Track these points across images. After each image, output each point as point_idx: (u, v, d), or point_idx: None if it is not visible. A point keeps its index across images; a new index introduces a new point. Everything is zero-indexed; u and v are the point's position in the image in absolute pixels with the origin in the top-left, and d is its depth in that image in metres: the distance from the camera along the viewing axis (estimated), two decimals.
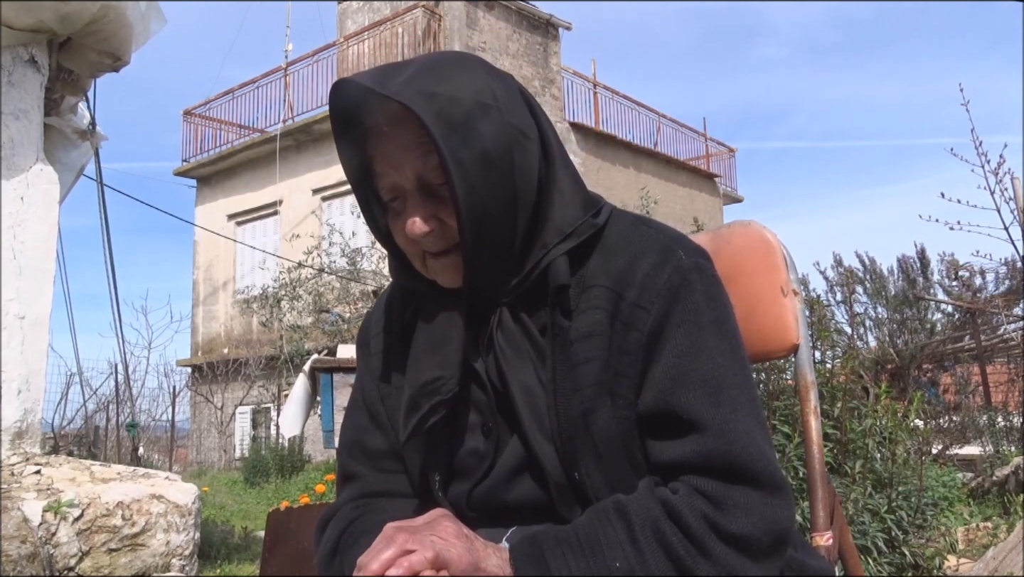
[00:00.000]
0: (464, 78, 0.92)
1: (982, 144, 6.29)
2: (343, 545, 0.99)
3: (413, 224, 0.92)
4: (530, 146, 0.94)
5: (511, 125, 0.92)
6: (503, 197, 0.91)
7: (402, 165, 0.92)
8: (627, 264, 0.94)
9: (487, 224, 0.91)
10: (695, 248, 0.98)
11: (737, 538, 0.84)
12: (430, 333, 0.98)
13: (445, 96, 0.89)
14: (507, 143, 0.91)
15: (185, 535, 3.18)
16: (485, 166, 0.89)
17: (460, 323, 0.96)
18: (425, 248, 0.95)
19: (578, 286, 0.95)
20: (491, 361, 0.97)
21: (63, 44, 3.58)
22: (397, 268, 1.04)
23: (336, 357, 4.38)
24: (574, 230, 0.95)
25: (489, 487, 0.99)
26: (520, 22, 14.70)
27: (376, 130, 0.93)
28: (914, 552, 3.24)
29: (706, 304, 0.93)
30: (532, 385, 0.95)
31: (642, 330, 0.92)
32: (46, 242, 3.42)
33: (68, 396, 8.88)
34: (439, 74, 0.91)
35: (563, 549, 0.85)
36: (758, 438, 0.90)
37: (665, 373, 0.91)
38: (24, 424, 3.22)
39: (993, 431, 6.23)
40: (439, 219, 0.93)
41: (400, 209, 0.95)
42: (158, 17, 3.65)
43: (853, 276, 9.03)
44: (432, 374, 0.96)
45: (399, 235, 0.97)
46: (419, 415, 0.95)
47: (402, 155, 0.92)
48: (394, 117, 0.91)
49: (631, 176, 15.30)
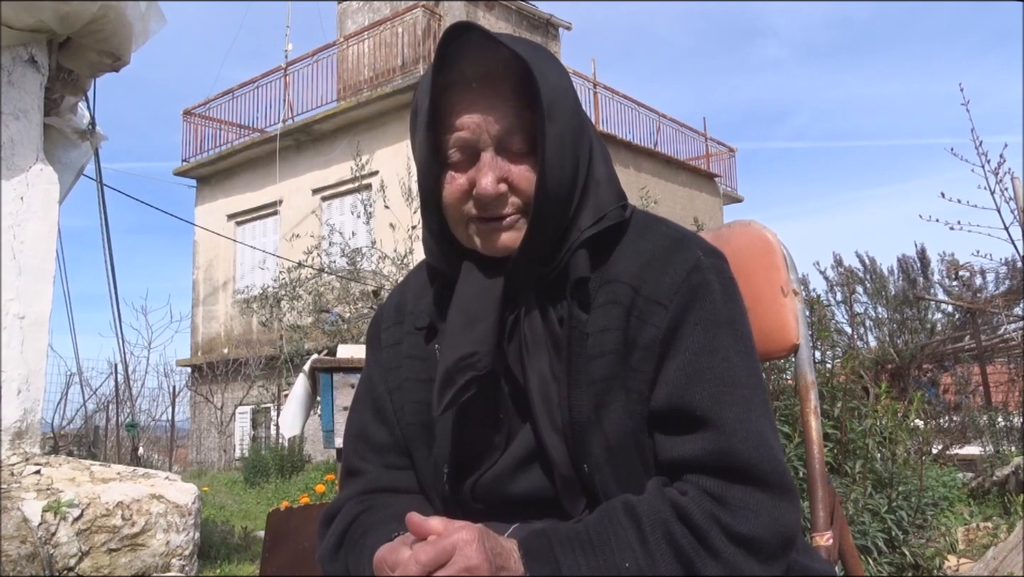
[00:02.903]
0: (553, 62, 0.98)
1: (982, 144, 6.29)
2: (347, 542, 0.98)
3: (487, 184, 0.93)
4: (585, 139, 0.98)
5: (580, 116, 0.98)
6: (568, 178, 0.95)
7: (486, 122, 0.94)
8: (646, 261, 0.96)
9: (554, 200, 0.94)
10: (712, 249, 0.99)
11: (746, 539, 0.84)
12: (466, 309, 0.98)
13: (540, 68, 0.93)
14: (576, 131, 0.96)
15: (185, 535, 3.18)
16: (561, 145, 0.93)
17: (497, 301, 0.97)
18: (484, 212, 0.96)
19: (597, 280, 0.96)
20: (514, 348, 0.98)
21: (63, 44, 3.58)
22: (431, 249, 1.04)
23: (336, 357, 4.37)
24: (605, 215, 0.97)
25: (494, 477, 0.99)
26: (520, 22, 14.71)
27: (464, 84, 0.94)
28: (914, 552, 3.24)
29: (724, 304, 0.95)
30: (547, 376, 0.96)
31: (659, 326, 0.93)
32: (46, 242, 3.42)
33: (68, 396, 8.88)
34: (537, 52, 0.96)
35: (573, 546, 0.85)
36: (769, 439, 0.91)
37: (680, 370, 0.91)
38: (24, 424, 3.22)
39: (993, 431, 6.23)
40: (509, 183, 0.95)
41: (464, 167, 0.96)
42: (158, 17, 3.65)
43: (853, 276, 9.02)
44: (468, 349, 0.95)
45: (454, 193, 0.96)
46: (454, 389, 0.95)
47: (490, 112, 0.94)
48: (491, 73, 0.94)
49: (631, 176, 15.28)
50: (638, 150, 15.94)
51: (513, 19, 14.57)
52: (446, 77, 0.95)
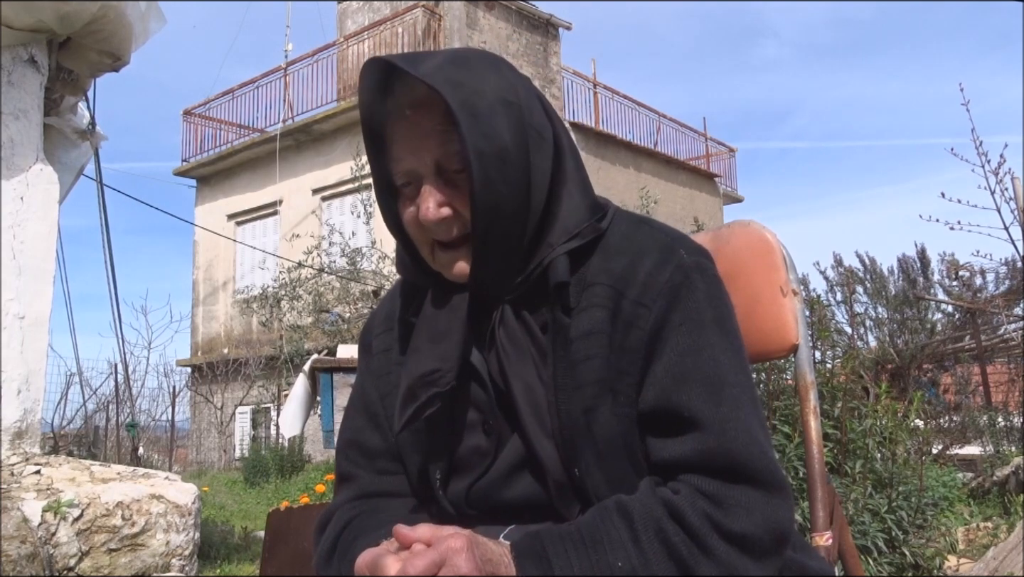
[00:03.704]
0: (490, 74, 0.94)
1: (982, 144, 6.30)
2: (340, 547, 0.99)
3: (427, 209, 0.93)
4: (545, 147, 0.96)
5: (530, 125, 0.94)
6: (517, 193, 0.93)
7: (421, 150, 0.94)
8: (629, 263, 0.95)
9: (499, 218, 0.92)
10: (696, 247, 0.99)
11: (739, 537, 0.84)
12: (432, 326, 0.98)
13: (471, 87, 0.91)
14: (525, 141, 0.93)
15: (185, 535, 3.18)
16: (502, 160, 0.91)
17: (463, 318, 0.97)
18: (435, 236, 0.96)
19: (579, 284, 0.96)
20: (493, 358, 0.98)
21: (63, 44, 3.58)
22: (405, 263, 1.04)
23: (336, 357, 4.38)
24: (579, 232, 0.96)
25: (488, 484, 0.99)
26: (520, 22, 14.70)
27: (399, 114, 0.95)
28: (914, 552, 3.24)
29: (708, 303, 0.94)
30: (533, 383, 0.96)
31: (644, 328, 0.92)
32: (46, 242, 3.42)
33: (68, 396, 8.90)
34: (467, 66, 0.94)
35: (566, 546, 0.85)
36: (759, 437, 0.90)
37: (667, 371, 0.91)
38: (24, 424, 3.22)
39: (993, 431, 6.23)
40: (453, 208, 0.94)
41: (413, 195, 0.96)
42: (158, 17, 3.65)
43: (853, 276, 9.02)
44: (431, 366, 0.96)
45: (410, 222, 0.97)
46: (415, 406, 0.95)
47: (423, 140, 0.94)
48: (419, 101, 0.93)
49: (631, 176, 15.29)
50: (638, 150, 15.94)
51: (513, 19, 14.56)
52: (384, 107, 0.96)
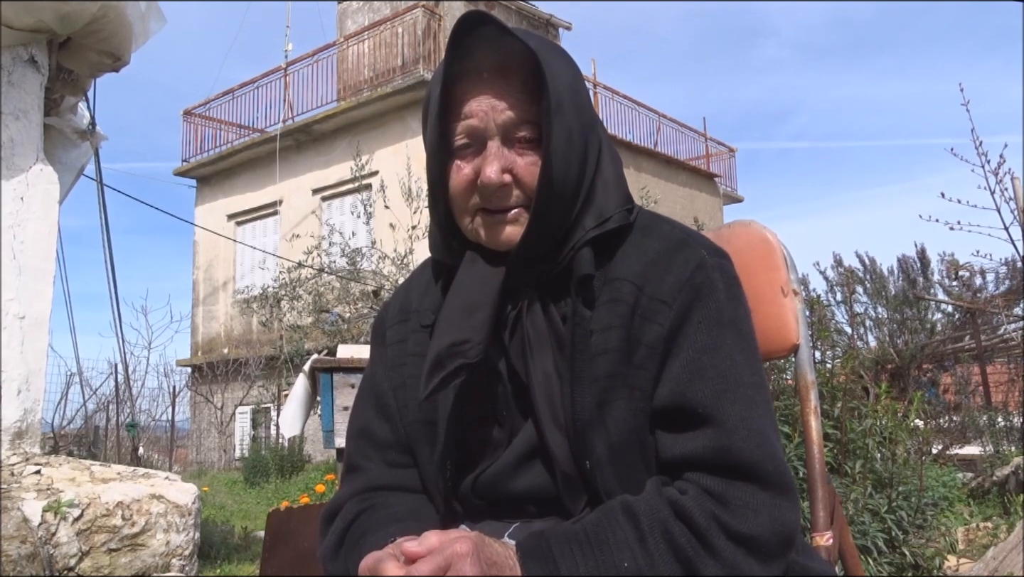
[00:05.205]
0: (565, 59, 0.99)
1: (982, 144, 6.30)
2: (348, 542, 0.99)
3: (492, 172, 0.94)
4: (595, 138, 0.99)
5: (589, 113, 0.99)
6: (573, 174, 0.95)
7: (494, 111, 0.95)
8: (651, 260, 0.97)
9: (557, 195, 0.94)
10: (717, 248, 1.00)
11: (745, 538, 0.84)
12: (465, 298, 0.98)
13: (553, 67, 0.94)
14: (584, 128, 0.97)
15: (185, 535, 3.18)
16: (568, 141, 0.94)
17: (495, 293, 0.97)
18: (487, 203, 0.97)
19: (601, 278, 0.97)
20: (515, 345, 0.98)
21: (63, 44, 3.58)
22: (435, 241, 1.05)
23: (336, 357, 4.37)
24: (610, 217, 0.98)
25: (496, 472, 0.99)
26: (520, 22, 14.70)
27: (476, 73, 0.96)
28: (914, 552, 3.24)
29: (727, 304, 0.95)
30: (550, 373, 0.96)
31: (663, 325, 0.93)
32: (46, 242, 3.42)
33: (68, 396, 8.89)
34: (550, 47, 0.98)
35: (571, 547, 0.85)
36: (771, 438, 0.91)
37: (683, 367, 0.92)
38: (24, 424, 3.22)
39: (993, 431, 6.24)
40: (512, 174, 0.96)
41: (470, 156, 0.97)
42: (158, 17, 3.65)
43: (853, 276, 9.03)
44: (461, 336, 0.96)
45: (460, 184, 0.97)
46: (442, 374, 0.95)
47: (499, 102, 0.95)
48: (504, 64, 0.95)
49: (631, 176, 15.21)
50: (638, 150, 15.93)
51: (513, 19, 14.56)
52: (459, 66, 0.96)
